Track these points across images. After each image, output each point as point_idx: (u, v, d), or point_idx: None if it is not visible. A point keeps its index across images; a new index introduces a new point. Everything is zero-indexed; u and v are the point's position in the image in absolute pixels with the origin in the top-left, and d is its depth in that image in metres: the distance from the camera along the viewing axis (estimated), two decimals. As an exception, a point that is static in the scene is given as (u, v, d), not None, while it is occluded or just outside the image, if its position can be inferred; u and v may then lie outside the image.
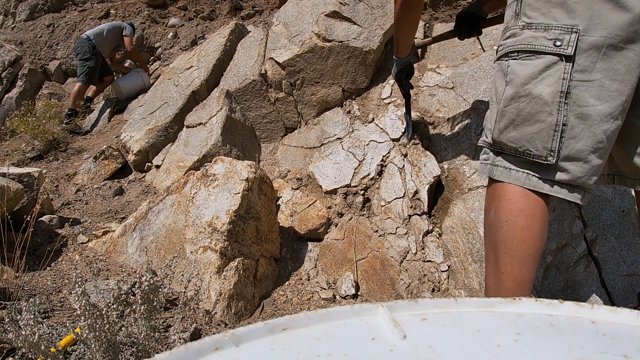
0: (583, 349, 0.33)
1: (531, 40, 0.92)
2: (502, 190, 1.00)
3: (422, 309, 0.40)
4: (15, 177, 1.99)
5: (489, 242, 1.02)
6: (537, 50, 0.91)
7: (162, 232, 1.82)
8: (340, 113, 2.64)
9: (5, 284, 1.45)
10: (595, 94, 0.88)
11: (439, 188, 1.98)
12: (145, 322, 1.11)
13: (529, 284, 0.95)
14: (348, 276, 1.83)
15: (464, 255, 1.70)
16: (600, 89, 0.88)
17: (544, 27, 0.91)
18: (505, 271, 0.96)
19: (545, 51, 0.89)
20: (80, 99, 4.07)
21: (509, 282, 0.95)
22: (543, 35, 0.90)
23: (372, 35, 2.62)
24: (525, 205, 0.97)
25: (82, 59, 4.02)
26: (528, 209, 0.97)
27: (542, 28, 0.91)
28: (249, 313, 1.67)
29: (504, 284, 0.96)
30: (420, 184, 1.94)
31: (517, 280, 0.94)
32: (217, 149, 2.58)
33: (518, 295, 0.46)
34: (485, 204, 1.07)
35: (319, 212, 2.06)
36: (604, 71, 0.87)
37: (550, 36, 0.89)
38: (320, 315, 0.36)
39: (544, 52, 0.90)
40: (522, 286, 0.94)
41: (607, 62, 0.87)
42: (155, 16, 5.13)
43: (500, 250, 0.97)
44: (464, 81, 2.26)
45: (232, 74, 3.06)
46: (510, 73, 0.96)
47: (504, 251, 0.96)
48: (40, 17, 5.55)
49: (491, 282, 1.00)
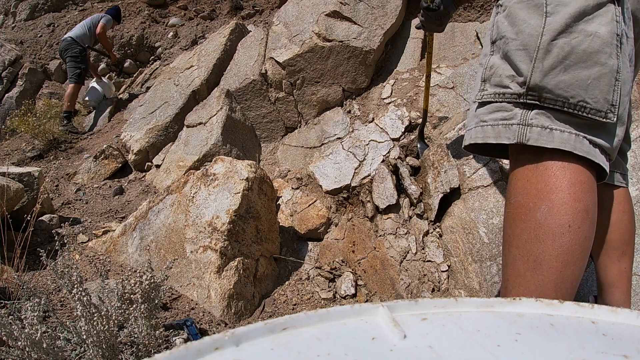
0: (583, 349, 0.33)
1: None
2: (549, 169, 0.72)
3: (422, 309, 0.40)
4: (15, 176, 1.99)
5: (529, 251, 0.72)
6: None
7: (162, 232, 1.83)
8: (341, 113, 2.64)
9: (5, 284, 1.45)
10: (629, 52, 0.74)
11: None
12: (145, 321, 1.11)
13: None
14: (348, 276, 1.83)
15: (464, 255, 1.70)
16: (631, 49, 0.75)
17: None
18: (554, 288, 0.70)
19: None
20: (75, 100, 4.09)
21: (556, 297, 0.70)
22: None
23: (372, 35, 2.62)
24: (591, 197, 0.70)
25: (74, 60, 4.05)
26: (593, 203, 0.71)
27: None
28: (249, 313, 1.67)
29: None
30: (435, 190, 1.85)
31: (563, 297, 0.71)
32: (217, 149, 2.58)
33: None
34: (516, 192, 0.76)
35: (319, 211, 2.06)
36: (632, 33, 0.75)
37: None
38: (320, 315, 0.36)
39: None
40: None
41: (634, 28, 0.76)
42: (155, 16, 5.13)
43: (555, 266, 0.70)
44: (464, 81, 2.26)
45: (232, 73, 3.06)
46: (552, 3, 0.73)
47: (559, 269, 0.69)
48: (40, 16, 5.55)
49: (526, 294, 0.73)
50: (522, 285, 0.73)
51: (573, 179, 0.70)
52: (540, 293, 0.71)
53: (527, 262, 0.72)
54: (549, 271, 0.70)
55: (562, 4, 0.71)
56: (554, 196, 0.70)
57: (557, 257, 0.69)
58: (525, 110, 0.75)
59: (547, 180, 0.72)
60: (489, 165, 1.79)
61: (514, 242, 0.75)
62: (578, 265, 0.70)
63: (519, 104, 0.75)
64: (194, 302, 1.59)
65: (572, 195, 0.70)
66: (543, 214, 0.71)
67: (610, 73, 0.70)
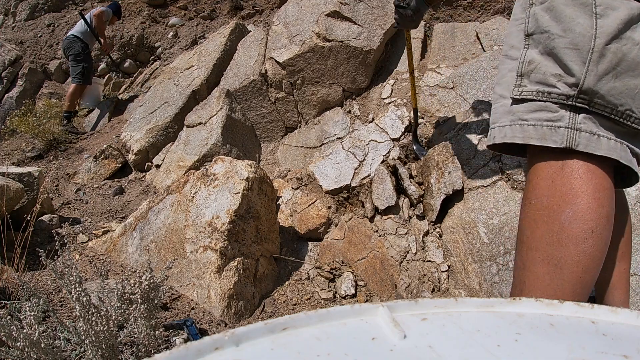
0: (583, 349, 0.33)
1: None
2: (575, 172, 0.71)
3: (422, 309, 0.40)
4: (15, 176, 1.99)
5: (550, 255, 0.71)
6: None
7: (162, 232, 1.82)
8: (341, 113, 2.64)
9: (5, 284, 1.45)
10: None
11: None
12: (145, 322, 1.11)
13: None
14: (348, 276, 1.83)
15: (464, 255, 1.70)
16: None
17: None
18: (572, 293, 0.70)
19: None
20: (76, 100, 4.05)
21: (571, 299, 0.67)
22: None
23: (372, 35, 2.62)
24: (612, 204, 0.70)
25: (76, 60, 3.98)
26: (613, 210, 0.71)
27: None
28: (249, 313, 1.67)
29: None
30: (437, 191, 1.84)
31: (580, 298, 0.71)
32: (217, 149, 2.58)
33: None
34: (539, 192, 0.74)
35: (319, 211, 2.06)
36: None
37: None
38: (320, 315, 0.36)
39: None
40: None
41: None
42: (155, 16, 5.13)
43: (576, 271, 0.69)
44: (465, 81, 2.26)
45: (232, 73, 3.06)
46: (601, 4, 0.70)
47: (579, 274, 0.69)
48: (40, 16, 5.55)
49: (544, 297, 0.71)
50: (541, 289, 0.72)
51: (598, 184, 0.70)
52: (559, 298, 0.68)
53: (548, 265, 0.71)
54: (569, 276, 0.69)
55: (612, 7, 0.70)
56: (580, 200, 0.69)
57: (578, 262, 0.68)
58: (573, 113, 0.72)
59: (573, 183, 0.70)
60: (489, 165, 1.79)
61: (533, 244, 0.74)
62: (595, 271, 0.70)
63: (567, 106, 0.73)
64: (194, 302, 1.59)
65: (597, 201, 0.69)
66: (567, 217, 0.69)
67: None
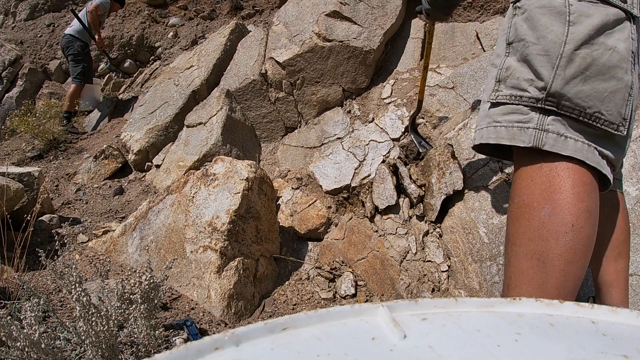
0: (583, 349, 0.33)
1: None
2: (553, 170, 0.74)
3: (422, 309, 0.40)
4: (15, 176, 1.99)
5: (532, 250, 0.74)
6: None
7: (162, 232, 1.82)
8: (341, 113, 2.64)
9: (5, 284, 1.45)
10: (638, 70, 0.76)
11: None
12: (145, 322, 1.11)
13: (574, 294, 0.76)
14: (348, 276, 1.83)
15: (464, 255, 1.70)
16: (639, 68, 0.77)
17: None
18: (557, 286, 0.72)
19: (614, 3, 0.74)
20: (76, 100, 4.03)
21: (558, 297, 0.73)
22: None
23: (372, 35, 2.62)
24: (594, 199, 0.72)
25: (76, 59, 3.95)
26: (595, 204, 0.73)
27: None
28: (249, 313, 1.67)
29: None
30: (438, 191, 1.83)
31: (566, 296, 0.73)
32: (217, 149, 2.58)
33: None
34: (520, 192, 0.78)
35: (319, 211, 2.06)
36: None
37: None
38: (320, 315, 0.36)
39: (612, 3, 0.74)
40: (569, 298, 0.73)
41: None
42: (155, 16, 5.13)
43: (558, 264, 0.72)
44: (465, 81, 2.26)
45: (232, 73, 3.06)
46: (575, 12, 0.74)
47: (562, 267, 0.71)
48: (40, 16, 5.55)
49: (529, 291, 0.76)
50: (526, 283, 0.75)
51: (577, 180, 0.73)
52: (544, 290, 0.72)
53: (531, 260, 0.74)
54: (552, 269, 0.72)
55: (585, 15, 0.73)
56: (558, 196, 0.72)
57: (560, 255, 0.71)
58: (542, 115, 0.76)
59: (552, 180, 0.74)
60: (489, 165, 1.79)
61: (517, 240, 0.77)
62: (580, 264, 0.72)
63: (536, 109, 0.77)
64: (194, 302, 1.59)
65: (575, 196, 0.72)
66: (547, 213, 0.73)
67: (625, 88, 0.73)
